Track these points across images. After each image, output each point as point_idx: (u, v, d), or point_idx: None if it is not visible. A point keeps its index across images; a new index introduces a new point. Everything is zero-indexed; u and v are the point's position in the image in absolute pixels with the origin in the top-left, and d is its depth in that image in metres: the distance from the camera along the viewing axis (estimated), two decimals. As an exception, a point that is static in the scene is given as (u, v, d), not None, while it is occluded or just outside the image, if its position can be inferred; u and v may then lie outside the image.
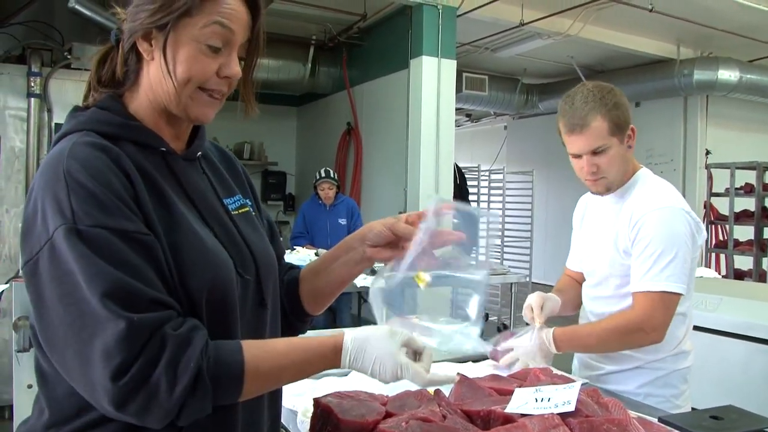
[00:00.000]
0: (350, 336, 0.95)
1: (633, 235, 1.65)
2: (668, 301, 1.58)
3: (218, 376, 0.83)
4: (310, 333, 2.24)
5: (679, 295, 1.59)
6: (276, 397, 1.10)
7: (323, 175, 5.28)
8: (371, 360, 0.94)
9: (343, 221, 5.25)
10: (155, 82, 0.94)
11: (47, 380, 0.91)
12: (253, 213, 1.10)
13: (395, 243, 1.07)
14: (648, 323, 1.58)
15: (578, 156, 1.68)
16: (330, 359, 0.95)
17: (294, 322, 1.16)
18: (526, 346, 1.65)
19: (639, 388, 1.69)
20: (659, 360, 1.69)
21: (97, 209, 0.82)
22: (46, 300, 0.82)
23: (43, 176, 0.86)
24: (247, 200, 1.10)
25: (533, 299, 1.77)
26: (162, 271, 0.85)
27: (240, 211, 1.05)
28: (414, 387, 1.33)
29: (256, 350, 0.89)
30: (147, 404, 0.79)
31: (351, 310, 5.22)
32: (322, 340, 0.96)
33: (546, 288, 2.06)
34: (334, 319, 5.15)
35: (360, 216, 5.39)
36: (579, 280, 1.95)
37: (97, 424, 0.86)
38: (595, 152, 1.64)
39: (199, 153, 1.04)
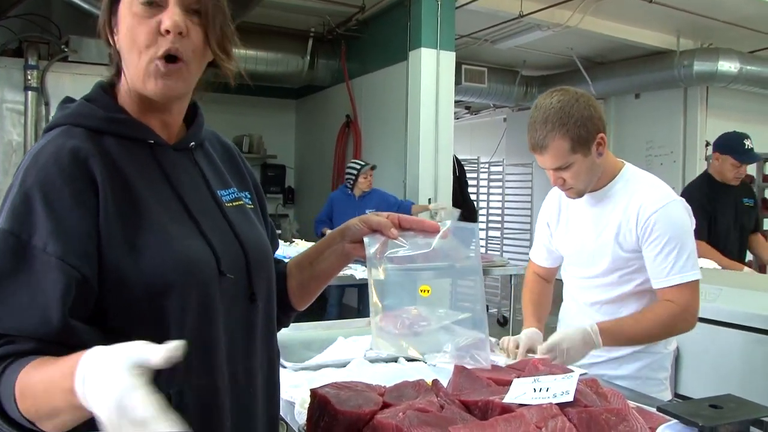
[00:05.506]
0: (89, 353, 0.68)
1: (643, 233, 1.70)
2: (697, 288, 1.71)
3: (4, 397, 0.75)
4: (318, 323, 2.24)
5: (700, 279, 1.71)
6: (273, 393, 1.07)
7: (364, 164, 5.20)
8: (95, 384, 0.65)
9: (369, 213, 5.21)
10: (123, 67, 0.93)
11: None
12: (249, 206, 1.07)
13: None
14: (689, 312, 1.70)
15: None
16: (67, 388, 0.67)
17: (279, 316, 1.12)
18: (571, 337, 1.65)
19: (638, 371, 1.79)
20: (654, 344, 1.79)
21: (19, 215, 0.82)
22: None
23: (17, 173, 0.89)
24: (245, 193, 1.07)
25: (524, 341, 1.80)
26: (45, 299, 0.79)
27: (234, 203, 1.02)
28: (412, 378, 1.33)
29: (26, 372, 0.73)
30: None
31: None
32: (70, 356, 0.70)
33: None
34: (341, 312, 5.16)
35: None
36: (546, 278, 2.07)
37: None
38: (558, 168, 1.70)
39: (192, 143, 1.01)
